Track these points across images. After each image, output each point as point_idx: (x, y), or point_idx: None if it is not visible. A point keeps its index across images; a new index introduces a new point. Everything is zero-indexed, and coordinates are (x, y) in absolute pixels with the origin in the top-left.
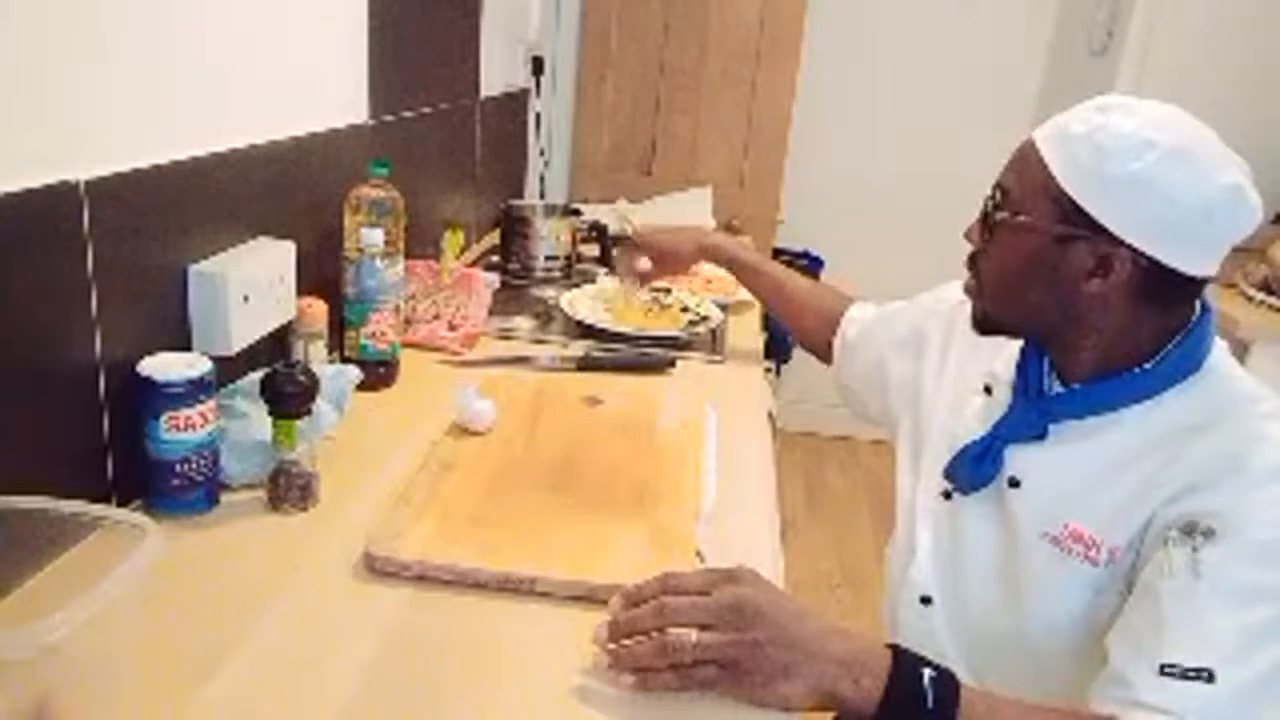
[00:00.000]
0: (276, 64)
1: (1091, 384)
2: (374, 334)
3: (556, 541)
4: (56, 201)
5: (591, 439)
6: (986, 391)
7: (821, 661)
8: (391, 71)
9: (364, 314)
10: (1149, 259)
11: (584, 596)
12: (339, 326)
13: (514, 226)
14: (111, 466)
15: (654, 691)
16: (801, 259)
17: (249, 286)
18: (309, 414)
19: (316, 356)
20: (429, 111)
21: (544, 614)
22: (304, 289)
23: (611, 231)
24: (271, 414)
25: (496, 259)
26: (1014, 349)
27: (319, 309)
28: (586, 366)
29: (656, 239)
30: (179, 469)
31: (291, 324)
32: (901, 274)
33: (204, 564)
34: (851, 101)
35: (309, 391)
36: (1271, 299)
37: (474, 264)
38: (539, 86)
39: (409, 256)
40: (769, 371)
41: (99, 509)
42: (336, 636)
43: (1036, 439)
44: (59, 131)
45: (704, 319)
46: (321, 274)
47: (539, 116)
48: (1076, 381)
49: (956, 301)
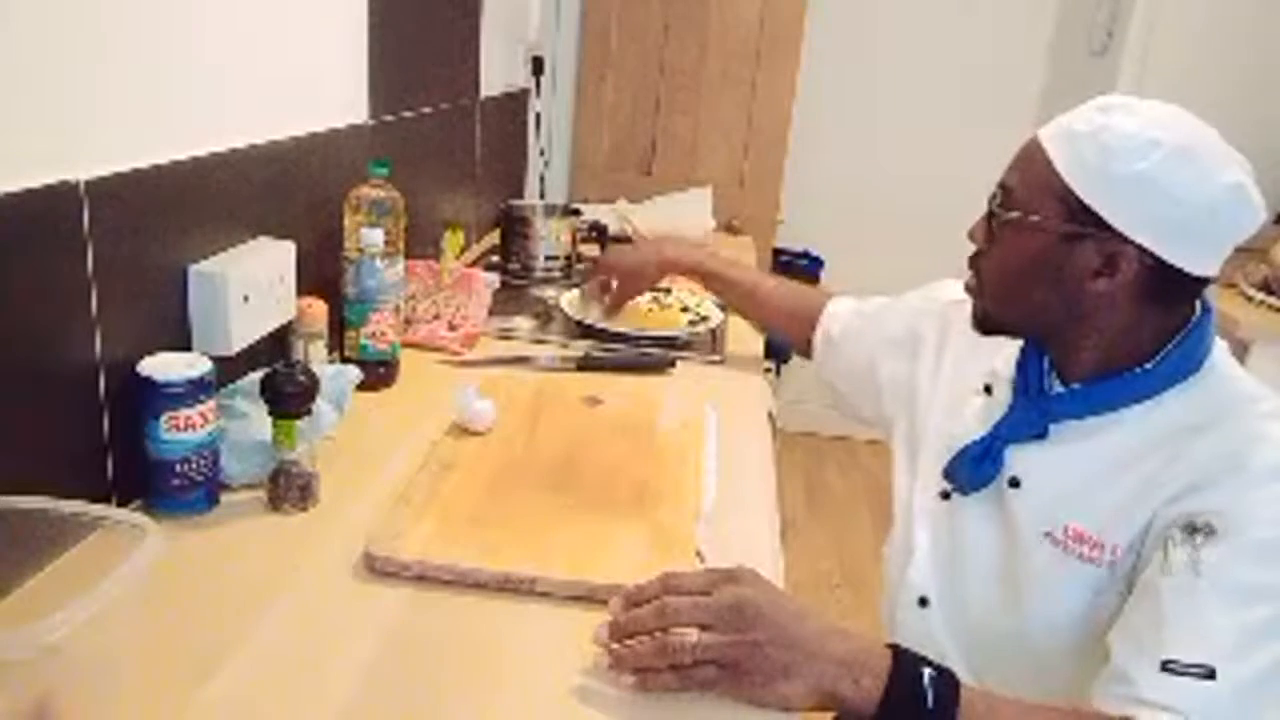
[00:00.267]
0: (276, 64)
1: (1092, 383)
2: (374, 334)
3: (556, 541)
4: (56, 201)
5: (591, 439)
6: (986, 391)
7: (821, 661)
8: (391, 71)
9: (364, 314)
10: (1154, 258)
11: (584, 596)
12: (339, 326)
13: (514, 226)
14: (111, 466)
15: (654, 692)
16: (801, 259)
17: (249, 286)
18: (309, 414)
19: (316, 356)
20: (429, 111)
21: (544, 614)
22: (304, 289)
23: (611, 231)
24: (271, 414)
25: (496, 259)
26: (1013, 348)
27: (319, 309)
28: (586, 366)
29: (619, 261)
30: (179, 469)
31: (291, 324)
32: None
33: (204, 564)
34: (851, 101)
35: (309, 391)
36: (1271, 299)
37: (474, 264)
38: (539, 86)
39: (409, 256)
40: (769, 371)
41: (99, 509)
42: (336, 636)
43: (1037, 439)
44: (59, 131)
45: (704, 319)
46: (321, 274)
47: (539, 116)
48: (1077, 381)
49: (950, 300)
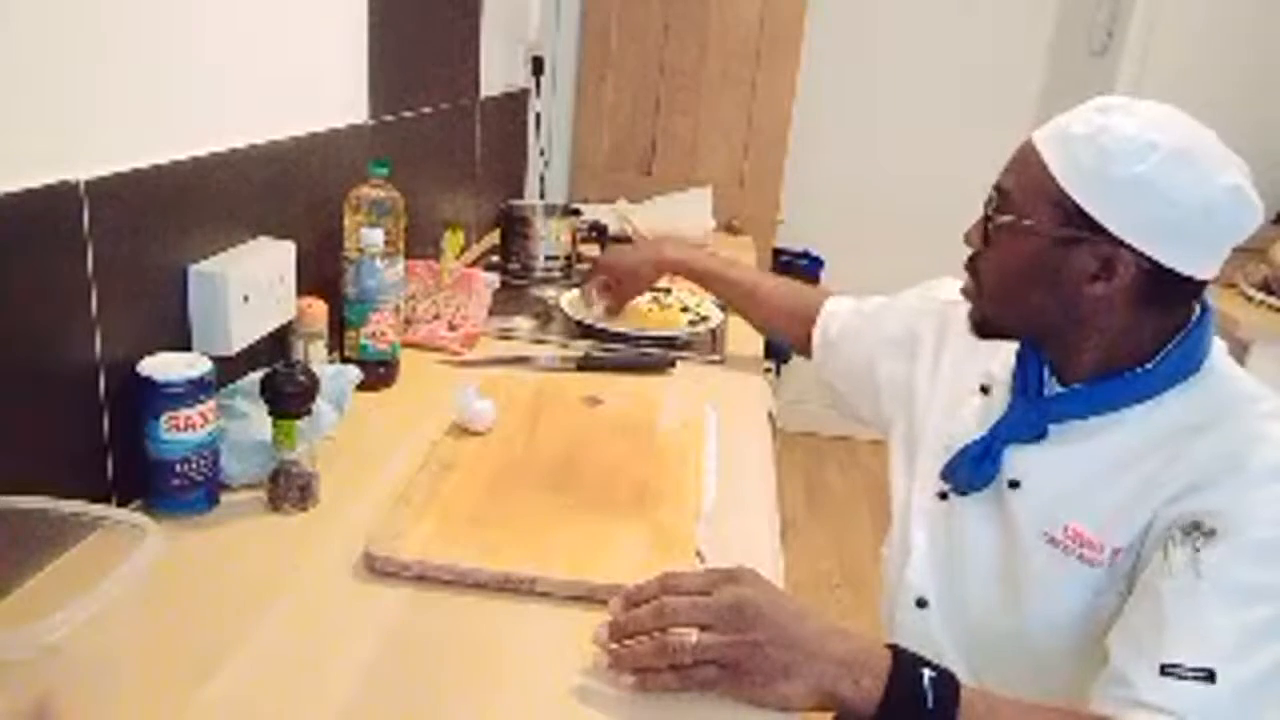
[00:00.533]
0: (276, 64)
1: (1092, 384)
2: (374, 334)
3: (556, 541)
4: (56, 201)
5: (591, 439)
6: (984, 392)
7: (821, 662)
8: (391, 71)
9: (364, 314)
10: (1151, 261)
11: (584, 596)
12: (339, 326)
13: (514, 226)
14: (111, 466)
15: (653, 692)
16: (801, 259)
17: (249, 286)
18: (309, 414)
19: (316, 356)
20: (429, 111)
21: (544, 614)
22: (304, 289)
23: (611, 231)
24: (271, 414)
25: (496, 259)
26: (1011, 349)
27: (319, 309)
28: (586, 366)
29: (614, 262)
30: (179, 469)
31: (291, 324)
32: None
33: (204, 564)
34: (851, 101)
35: (309, 391)
36: (1271, 299)
37: (474, 264)
38: (539, 86)
39: (409, 256)
40: (769, 371)
41: (99, 509)
42: (336, 636)
43: (1036, 440)
44: (59, 131)
45: (704, 319)
46: (321, 274)
47: (539, 116)
48: (1076, 382)
49: (947, 300)
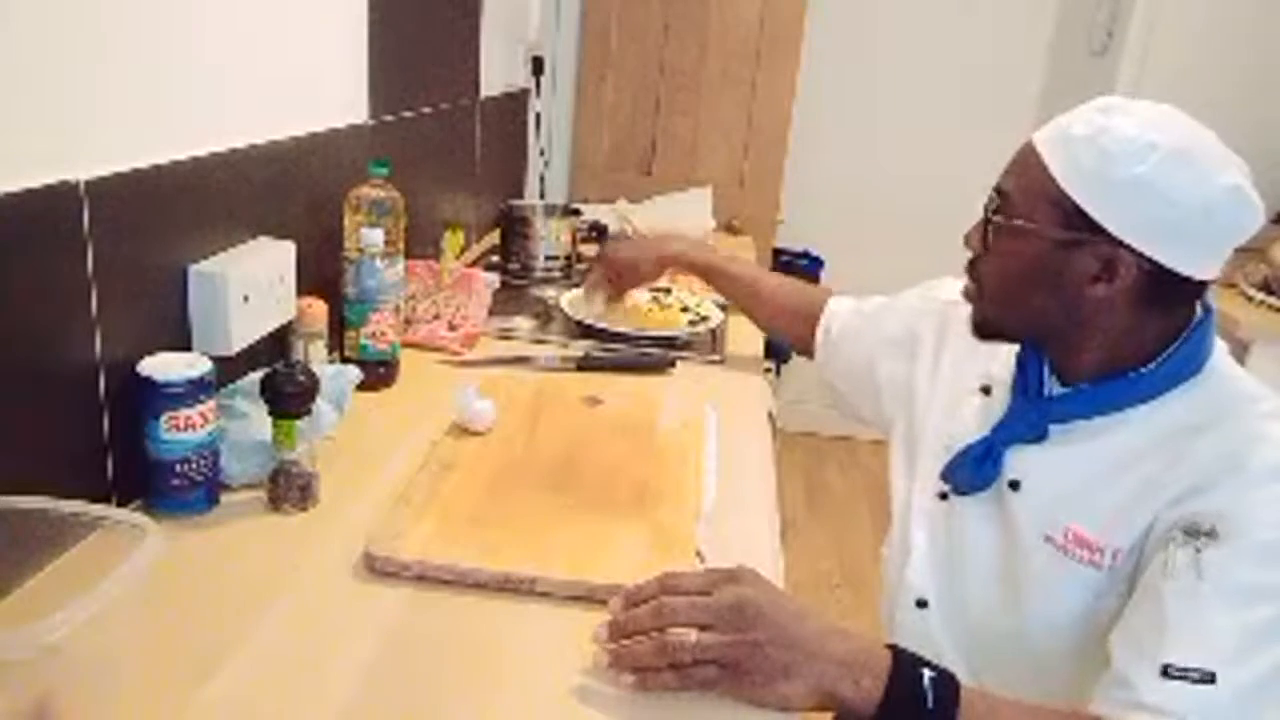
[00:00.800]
0: (276, 64)
1: (1093, 385)
2: (374, 334)
3: (556, 541)
4: (56, 201)
5: (591, 439)
6: (984, 392)
7: (822, 662)
8: (391, 71)
9: (364, 314)
10: (1152, 262)
11: (584, 596)
12: (339, 326)
13: (514, 226)
14: (111, 466)
15: (654, 691)
16: (801, 259)
17: (249, 286)
18: (309, 414)
19: (316, 356)
20: (429, 111)
21: (544, 614)
22: (304, 289)
23: (611, 231)
24: (271, 414)
25: (496, 259)
26: (1012, 349)
27: (319, 309)
28: (586, 366)
29: (617, 255)
30: (179, 469)
31: (291, 324)
32: (901, 274)
33: (204, 564)
34: (851, 101)
35: (309, 391)
36: (1271, 299)
37: (474, 264)
38: (539, 86)
39: (409, 256)
40: (769, 371)
41: (99, 509)
42: (336, 636)
43: (1036, 440)
44: (59, 131)
45: (704, 319)
46: (321, 274)
47: (539, 116)
48: (1077, 382)
49: (948, 299)
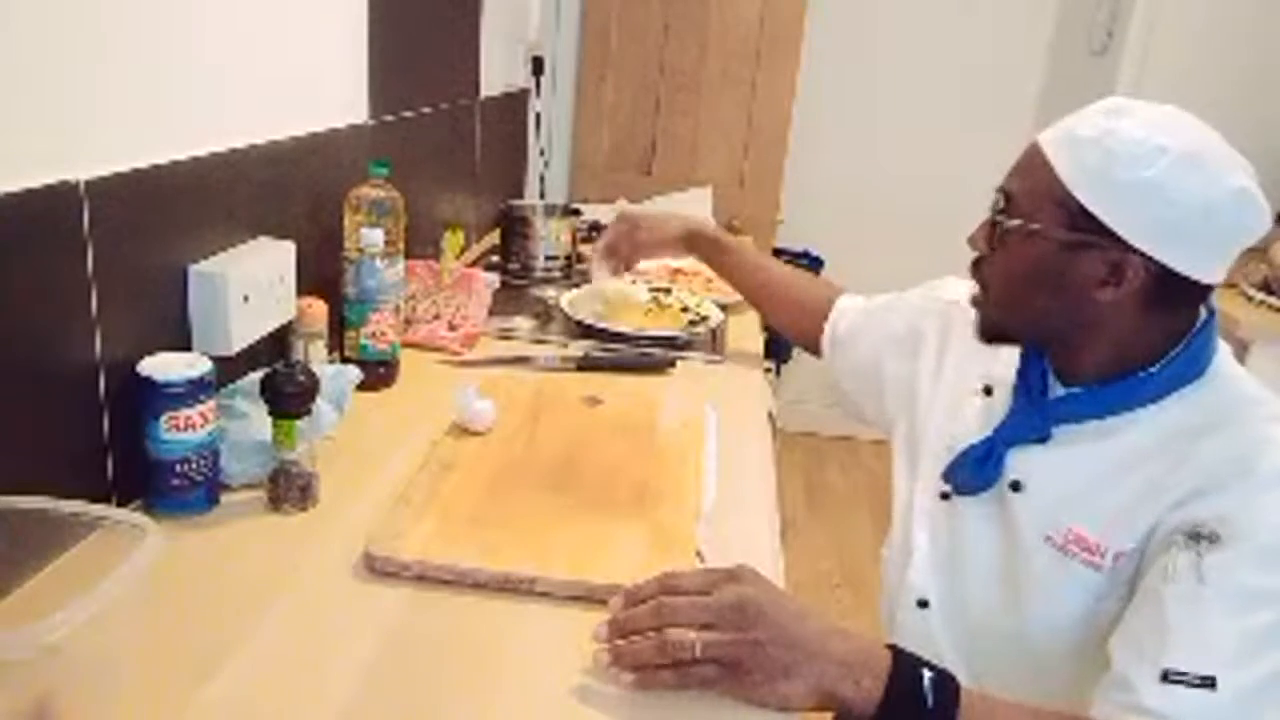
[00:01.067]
0: (276, 64)
1: (1096, 387)
2: (374, 334)
3: (556, 541)
4: (56, 201)
5: (591, 439)
6: (986, 393)
7: (822, 661)
8: (391, 71)
9: (364, 314)
10: (1159, 265)
11: (584, 596)
12: (339, 326)
13: (514, 226)
14: (111, 466)
15: (653, 690)
16: (801, 259)
17: (249, 286)
18: (309, 414)
19: (316, 356)
20: (429, 111)
21: (544, 614)
22: (304, 289)
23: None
24: (271, 414)
25: (496, 259)
26: (1014, 350)
27: (319, 309)
28: (586, 366)
29: (644, 214)
30: (179, 469)
31: (291, 324)
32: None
33: (204, 564)
34: (851, 101)
35: (309, 391)
36: (1271, 299)
37: (474, 264)
38: (539, 86)
39: (409, 256)
40: (769, 371)
41: (99, 509)
42: (336, 636)
43: (1039, 442)
44: (59, 131)
45: (704, 319)
46: (321, 274)
47: (539, 116)
48: (1079, 384)
49: (951, 299)
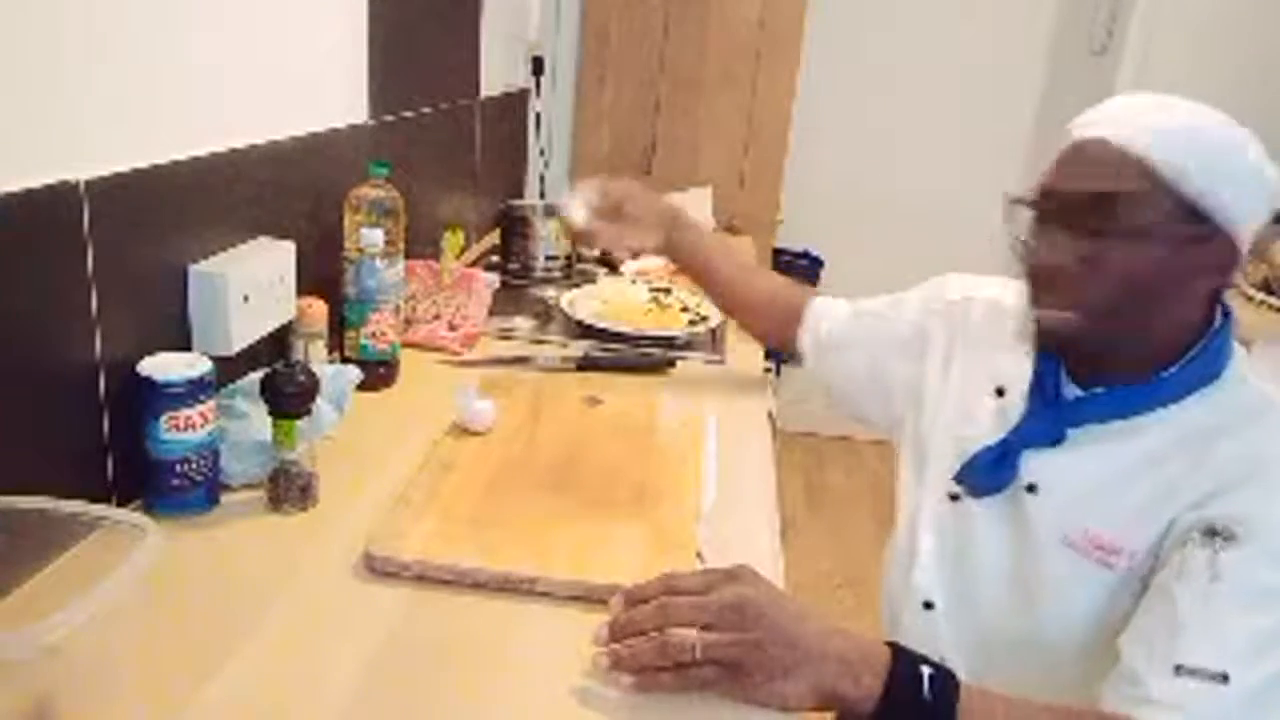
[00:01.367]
0: (276, 64)
1: (1112, 389)
2: (374, 334)
3: (556, 541)
4: (56, 201)
5: (591, 439)
6: (998, 394)
7: (822, 661)
8: (391, 71)
9: (364, 314)
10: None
11: (584, 596)
12: (339, 326)
13: (514, 226)
14: (111, 466)
15: (654, 692)
16: (801, 259)
17: (249, 286)
18: (309, 414)
19: (316, 356)
20: (429, 111)
21: (544, 614)
22: (304, 289)
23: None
24: (271, 414)
25: (496, 259)
26: (1023, 350)
27: (319, 309)
28: (586, 366)
29: (638, 189)
30: (179, 469)
31: (291, 324)
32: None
33: (204, 564)
34: (851, 101)
35: (309, 391)
36: (1271, 299)
37: (474, 264)
38: (539, 86)
39: (409, 256)
40: (769, 371)
41: (99, 509)
42: (336, 636)
43: (1053, 444)
44: (59, 131)
45: (704, 319)
46: (321, 274)
47: (539, 116)
48: (1095, 385)
49: (956, 299)
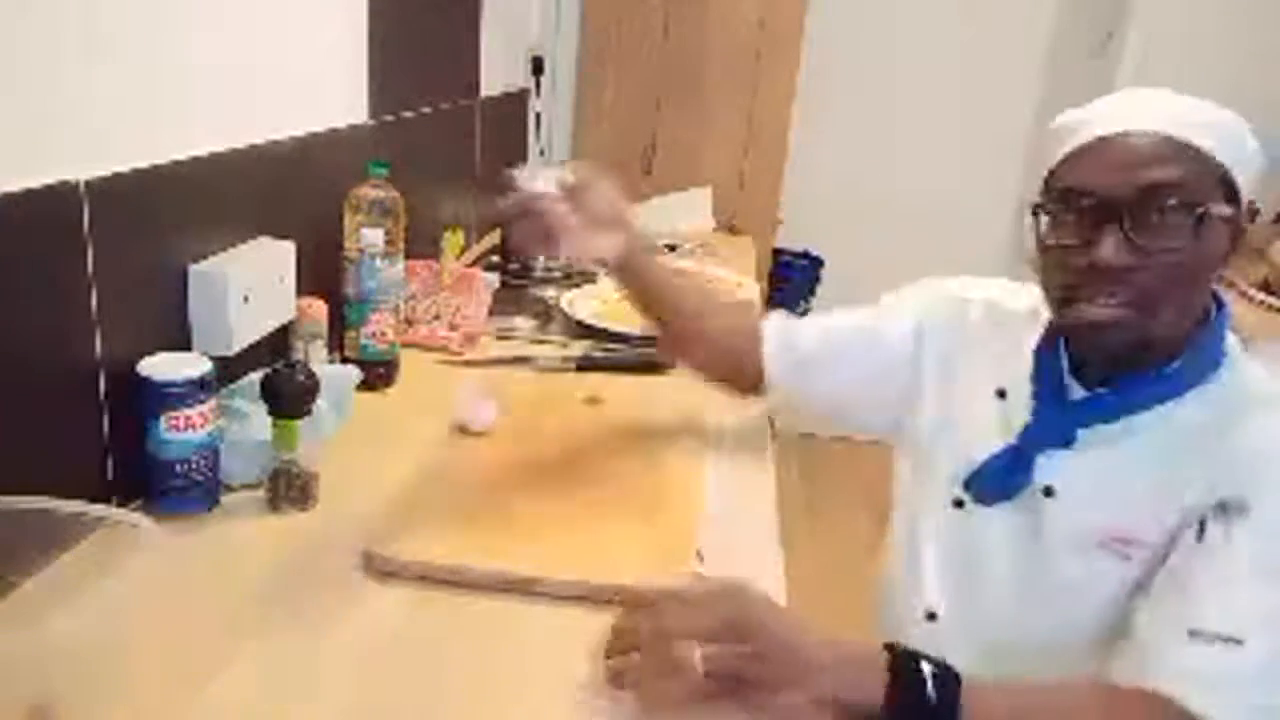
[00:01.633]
0: (276, 64)
1: (1118, 387)
2: (374, 334)
3: (556, 541)
4: (56, 201)
5: (591, 439)
6: (1000, 396)
7: (823, 671)
8: (391, 71)
9: (364, 314)
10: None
11: (584, 596)
12: (339, 326)
13: None
14: (111, 466)
15: (655, 708)
16: (801, 259)
17: (249, 286)
18: (309, 414)
19: (316, 356)
20: (429, 111)
21: (544, 614)
22: (304, 289)
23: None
24: (271, 414)
25: (496, 259)
26: (1024, 351)
27: (319, 309)
28: (586, 366)
29: (606, 188)
30: (179, 469)
31: (291, 324)
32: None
33: (204, 564)
34: (851, 102)
35: (309, 391)
36: (1271, 299)
37: (474, 264)
38: (539, 86)
39: (409, 256)
40: None
41: (99, 509)
42: (336, 636)
43: (1065, 445)
44: (59, 131)
45: None
46: (321, 274)
47: (539, 116)
48: (1097, 380)
49: (949, 301)
